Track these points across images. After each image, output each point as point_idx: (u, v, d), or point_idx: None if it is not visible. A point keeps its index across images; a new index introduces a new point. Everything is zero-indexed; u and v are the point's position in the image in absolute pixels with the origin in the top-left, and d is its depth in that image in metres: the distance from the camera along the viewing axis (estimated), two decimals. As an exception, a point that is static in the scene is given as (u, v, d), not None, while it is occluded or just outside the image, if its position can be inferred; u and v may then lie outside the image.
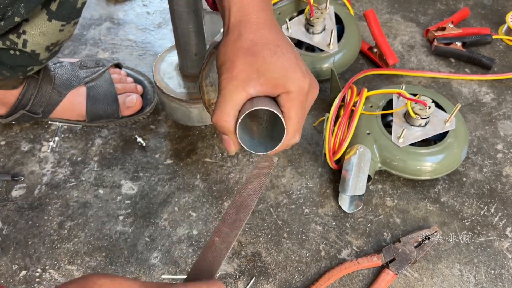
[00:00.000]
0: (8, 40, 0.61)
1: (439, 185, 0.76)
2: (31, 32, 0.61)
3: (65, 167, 0.78)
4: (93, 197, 0.74)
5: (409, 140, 0.73)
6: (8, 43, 0.61)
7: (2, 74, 0.66)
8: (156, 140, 0.82)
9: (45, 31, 0.61)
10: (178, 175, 0.77)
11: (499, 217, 0.73)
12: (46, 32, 0.62)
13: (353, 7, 1.03)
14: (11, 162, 0.78)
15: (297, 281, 0.67)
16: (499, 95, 0.89)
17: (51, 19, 0.60)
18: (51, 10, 0.60)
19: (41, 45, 0.63)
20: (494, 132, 0.84)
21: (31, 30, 0.61)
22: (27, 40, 0.61)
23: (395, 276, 0.65)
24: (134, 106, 0.81)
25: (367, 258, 0.67)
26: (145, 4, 1.06)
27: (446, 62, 0.95)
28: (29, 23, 0.60)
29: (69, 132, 0.82)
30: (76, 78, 0.79)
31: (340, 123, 0.75)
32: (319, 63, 0.87)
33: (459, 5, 1.05)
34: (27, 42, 0.62)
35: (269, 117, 0.53)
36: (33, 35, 0.61)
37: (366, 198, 0.75)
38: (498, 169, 0.79)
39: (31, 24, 0.60)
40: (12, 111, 0.77)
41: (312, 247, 0.70)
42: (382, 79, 0.91)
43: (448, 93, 0.89)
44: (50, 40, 0.63)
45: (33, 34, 0.61)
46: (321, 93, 0.89)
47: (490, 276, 0.67)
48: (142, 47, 0.96)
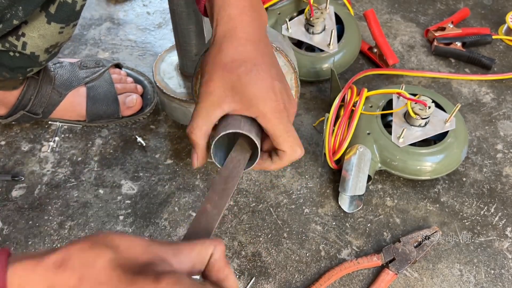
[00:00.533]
0: (7, 42, 0.61)
1: (439, 185, 0.77)
2: (30, 35, 0.61)
3: (65, 167, 0.78)
4: (93, 197, 0.74)
5: (409, 140, 0.73)
6: (8, 45, 0.61)
7: (2, 75, 0.66)
8: (156, 140, 0.82)
9: (44, 33, 0.61)
10: (178, 175, 0.77)
11: (499, 217, 0.73)
12: (45, 35, 0.62)
13: (353, 7, 1.04)
14: (11, 162, 0.78)
15: (297, 280, 0.67)
16: (499, 95, 0.89)
17: (50, 22, 0.60)
18: (50, 13, 0.60)
19: (40, 47, 0.63)
20: (494, 132, 0.84)
21: (30, 32, 0.61)
22: (26, 43, 0.61)
23: (395, 276, 0.65)
24: (134, 106, 0.81)
25: (367, 258, 0.67)
26: (145, 4, 1.06)
27: (446, 62, 0.95)
28: (28, 26, 0.60)
29: (69, 132, 0.82)
30: (76, 78, 0.79)
31: (340, 123, 0.75)
32: (319, 63, 0.87)
33: (459, 5, 1.05)
34: (27, 45, 0.62)
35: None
36: (32, 37, 0.61)
37: (366, 198, 0.75)
38: (498, 169, 0.79)
39: (30, 27, 0.60)
40: (12, 111, 0.77)
41: (312, 247, 0.70)
42: (382, 79, 0.91)
43: (448, 93, 0.89)
44: (50, 42, 0.63)
45: (32, 37, 0.61)
46: (321, 93, 0.89)
47: (490, 276, 0.67)
48: (142, 47, 0.97)
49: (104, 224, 0.71)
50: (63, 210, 0.73)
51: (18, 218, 0.72)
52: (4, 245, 0.69)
